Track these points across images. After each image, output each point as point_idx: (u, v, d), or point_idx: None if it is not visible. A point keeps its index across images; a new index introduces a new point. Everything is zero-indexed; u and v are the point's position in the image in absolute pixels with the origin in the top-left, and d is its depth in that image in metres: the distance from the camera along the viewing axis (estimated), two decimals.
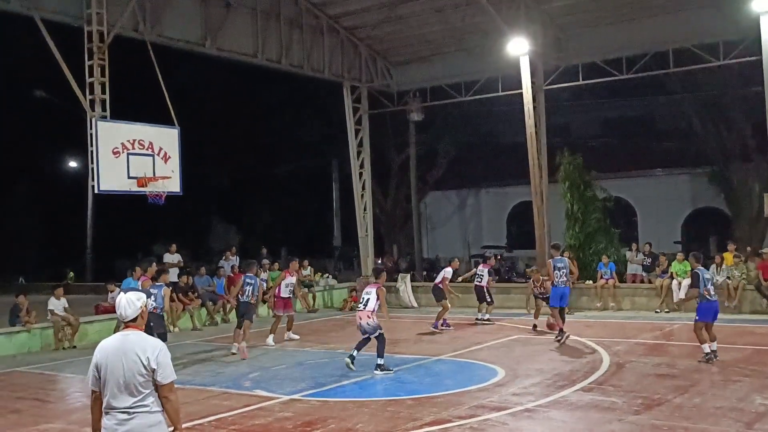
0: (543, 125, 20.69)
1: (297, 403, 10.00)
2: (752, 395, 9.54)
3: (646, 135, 30.81)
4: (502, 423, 8.60)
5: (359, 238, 23.96)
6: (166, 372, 4.90)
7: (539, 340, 15.22)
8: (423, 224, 36.02)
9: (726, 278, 18.54)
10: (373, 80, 23.41)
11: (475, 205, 36.70)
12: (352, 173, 23.80)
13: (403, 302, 22.74)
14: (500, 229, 35.70)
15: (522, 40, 19.27)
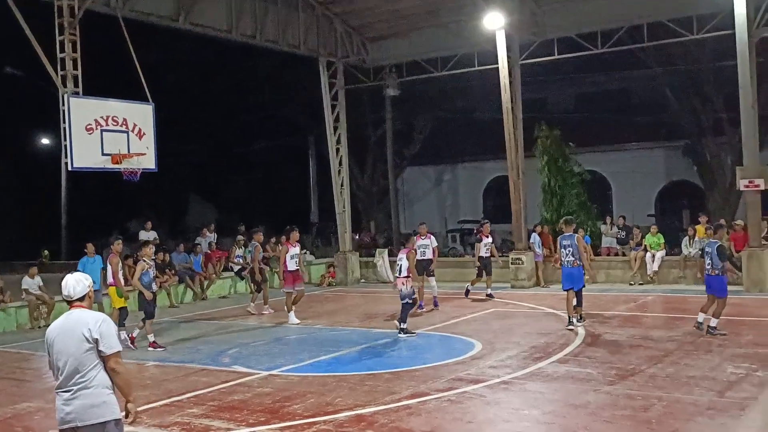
0: (519, 100, 20.69)
1: (276, 378, 10.05)
2: (724, 364, 9.73)
3: (621, 109, 30.97)
4: (479, 395, 8.72)
5: (336, 213, 23.94)
6: (110, 342, 4.84)
7: (516, 313, 15.38)
8: (400, 199, 36.10)
9: (698, 250, 18.80)
10: (349, 55, 23.25)
11: (451, 180, 36.80)
12: (329, 149, 23.72)
13: (380, 277, 22.82)
14: (477, 203, 35.87)
15: (497, 14, 19.22)
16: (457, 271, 22.10)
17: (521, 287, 19.45)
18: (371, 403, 8.42)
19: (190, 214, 41.41)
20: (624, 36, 19.83)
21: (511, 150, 20.43)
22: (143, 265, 12.60)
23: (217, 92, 34.03)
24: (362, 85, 24.51)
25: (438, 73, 22.81)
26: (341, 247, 23.58)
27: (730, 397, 8.17)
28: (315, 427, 7.62)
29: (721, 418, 7.43)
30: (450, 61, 22.39)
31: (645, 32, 19.61)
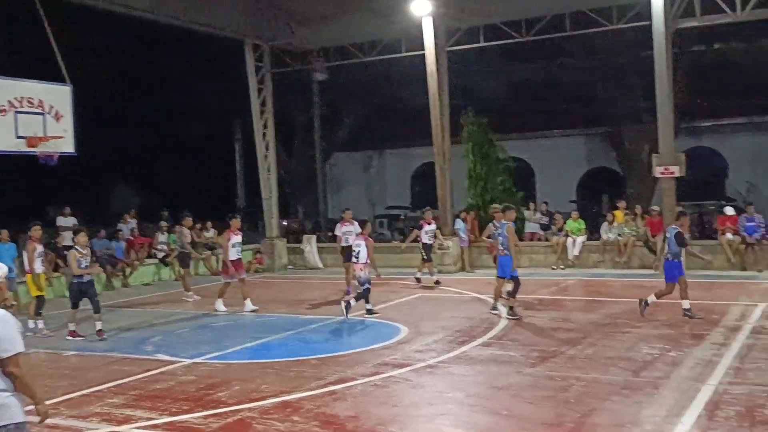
0: (446, 86, 20.87)
1: (200, 366, 9.92)
2: (639, 345, 10.09)
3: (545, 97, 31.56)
4: (405, 379, 8.80)
5: (263, 199, 23.69)
6: (6, 345, 4.45)
7: (442, 297, 15.57)
8: (328, 185, 35.98)
9: (617, 235, 19.42)
10: (276, 38, 22.97)
11: (379, 165, 36.88)
12: (255, 134, 23.43)
13: (308, 263, 22.78)
14: (404, 189, 36.08)
15: (425, 0, 19.31)
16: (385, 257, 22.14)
17: (447, 272, 19.68)
18: (297, 389, 8.40)
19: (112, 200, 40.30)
20: (548, 25, 20.21)
21: (437, 136, 20.61)
22: (75, 254, 12.07)
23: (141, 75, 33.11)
24: (289, 69, 24.26)
25: (365, 58, 22.78)
26: (268, 233, 23.38)
27: (644, 377, 8.47)
28: (240, 415, 7.56)
29: (636, 396, 7.70)
30: (377, 47, 22.39)
31: (567, 22, 20.02)
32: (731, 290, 14.96)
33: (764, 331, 10.69)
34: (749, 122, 28.42)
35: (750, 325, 11.18)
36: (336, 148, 35.31)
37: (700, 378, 8.27)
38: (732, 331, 10.74)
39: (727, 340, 10.15)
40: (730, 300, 13.62)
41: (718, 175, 29.87)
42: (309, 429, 7.01)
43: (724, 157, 29.82)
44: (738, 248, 17.98)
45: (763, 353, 9.34)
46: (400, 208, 34.00)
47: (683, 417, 6.92)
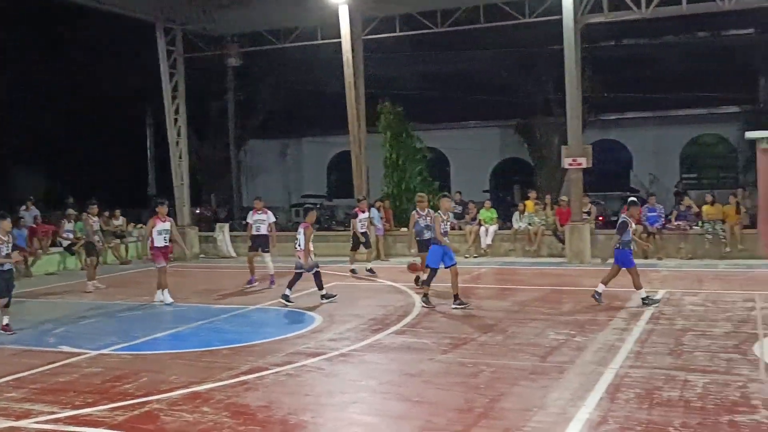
0: (361, 75, 20.87)
1: (106, 357, 9.63)
2: (547, 331, 10.38)
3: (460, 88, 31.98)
4: (318, 368, 8.78)
5: (175, 186, 23.19)
6: None
7: (357, 286, 15.60)
8: (243, 172, 35.51)
9: (528, 224, 19.90)
10: (189, 22, 22.45)
11: (296, 153, 36.63)
12: (167, 119, 22.87)
13: (221, 252, 22.45)
14: (321, 178, 35.97)
15: None
16: None
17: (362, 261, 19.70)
18: (208, 380, 8.27)
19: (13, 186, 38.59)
20: (462, 16, 20.46)
21: (353, 125, 20.61)
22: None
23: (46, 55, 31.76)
24: (203, 54, 23.77)
25: (281, 45, 22.53)
26: (179, 221, 22.83)
27: (551, 362, 8.72)
28: (147, 407, 7.38)
29: (543, 381, 7.92)
30: (293, 33, 22.18)
31: (481, 14, 20.31)
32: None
33: (663, 317, 11.17)
34: (653, 116, 29.59)
35: (650, 310, 11.65)
36: (251, 135, 34.85)
37: (603, 362, 8.57)
38: (633, 317, 11.17)
39: (629, 326, 10.55)
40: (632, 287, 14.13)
41: (623, 167, 31.00)
42: (219, 420, 6.91)
43: (629, 150, 30.96)
44: (640, 237, 18.69)
45: (662, 338, 9.76)
46: (317, 196, 33.89)
47: (586, 400, 7.16)
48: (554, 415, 6.75)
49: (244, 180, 35.80)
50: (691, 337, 9.72)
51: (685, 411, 6.75)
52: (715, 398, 7.12)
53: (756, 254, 17.78)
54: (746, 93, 28.12)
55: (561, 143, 21.16)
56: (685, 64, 28.45)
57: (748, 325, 10.46)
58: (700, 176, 30.82)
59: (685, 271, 16.30)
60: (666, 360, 8.62)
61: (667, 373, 8.01)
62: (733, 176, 29.15)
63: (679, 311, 11.60)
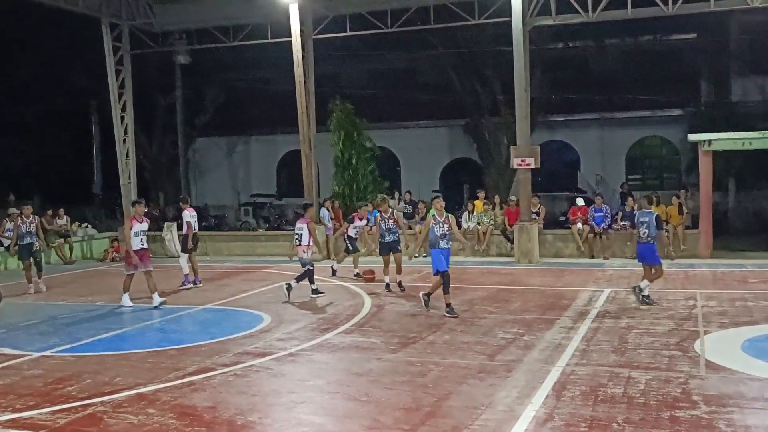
0: (311, 74, 20.78)
1: (48, 359, 9.41)
2: (495, 330, 10.49)
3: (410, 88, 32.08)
4: (266, 368, 8.72)
5: (121, 185, 22.77)
6: None
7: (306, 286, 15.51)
8: (191, 171, 35.03)
9: (476, 224, 20.07)
10: (135, 18, 22.06)
11: (244, 152, 36.24)
12: (113, 117, 22.43)
13: (168, 251, 22.09)
14: (270, 177, 35.67)
15: None
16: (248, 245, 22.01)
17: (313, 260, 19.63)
18: (153, 381, 8.14)
19: None
20: (412, 16, 20.54)
21: (303, 123, 20.51)
22: None
23: None
24: (150, 50, 23.38)
25: (230, 42, 22.31)
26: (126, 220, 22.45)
27: (499, 360, 8.81)
28: (91, 409, 7.24)
29: (491, 379, 8.00)
30: (242, 31, 21.97)
31: (431, 14, 20.41)
32: (580, 277, 15.81)
33: (608, 315, 11.38)
34: (599, 118, 30.11)
35: (596, 309, 11.86)
36: (200, 133, 34.41)
37: (549, 360, 8.69)
38: (580, 316, 11.36)
39: (575, 324, 10.73)
40: (578, 286, 14.40)
41: (570, 168, 31.48)
42: (165, 421, 6.81)
43: (577, 151, 31.45)
44: (587, 237, 19.03)
45: (607, 336, 9.94)
46: (266, 195, 33.63)
47: (533, 398, 7.26)
48: (501, 413, 6.83)
49: (192, 178, 35.32)
50: (634, 335, 9.93)
51: (628, 407, 6.90)
52: (657, 394, 7.28)
53: (698, 254, 18.25)
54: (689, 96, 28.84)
55: (510, 143, 21.40)
56: (630, 67, 29.04)
57: (689, 322, 10.72)
58: (644, 177, 31.48)
59: (630, 270, 16.59)
60: (610, 357, 8.79)
61: (612, 371, 8.17)
62: (676, 177, 29.84)
63: (623, 310, 11.84)
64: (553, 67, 27.35)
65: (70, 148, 36.34)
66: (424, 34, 25.03)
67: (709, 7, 17.79)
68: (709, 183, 18.49)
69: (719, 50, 28.06)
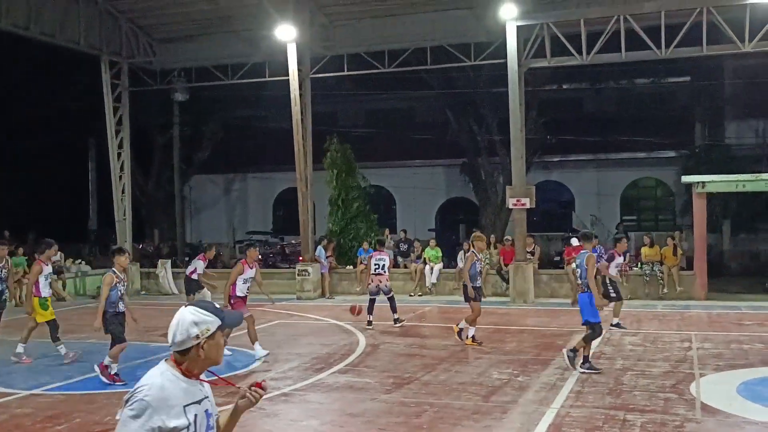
0: (309, 112, 20.94)
1: (38, 398, 9.30)
2: (490, 370, 10.42)
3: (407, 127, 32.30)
4: (258, 408, 8.56)
5: (117, 222, 22.75)
6: None
7: (301, 324, 15.46)
8: (187, 208, 35.04)
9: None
10: (135, 56, 22.28)
11: (241, 189, 36.31)
12: (110, 153, 22.51)
13: (162, 288, 22.04)
14: (266, 214, 35.69)
15: (289, 26, 19.36)
16: None
17: (307, 298, 19.61)
18: None
19: None
20: (409, 57, 20.79)
21: (300, 161, 20.60)
22: None
23: None
24: (148, 88, 23.57)
25: (228, 81, 22.51)
26: None
27: (494, 401, 8.74)
28: None
29: (486, 420, 7.92)
30: (241, 70, 22.19)
31: (428, 55, 20.66)
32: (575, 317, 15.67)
33: (603, 356, 11.32)
34: (594, 159, 30.29)
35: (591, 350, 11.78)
36: (196, 170, 34.47)
37: (544, 402, 8.62)
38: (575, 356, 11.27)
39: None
40: (574, 327, 14.30)
41: (565, 208, 31.57)
42: None
43: (571, 191, 31.57)
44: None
45: (602, 377, 9.88)
46: (261, 233, 33.60)
47: None
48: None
49: (188, 215, 35.31)
50: (630, 377, 9.87)
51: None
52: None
53: (693, 295, 18.23)
54: (683, 138, 29.07)
55: (505, 183, 21.49)
56: (625, 109, 29.32)
57: (685, 364, 10.67)
58: (639, 218, 31.56)
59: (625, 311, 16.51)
60: (606, 399, 8.72)
61: (607, 413, 8.10)
62: (670, 219, 29.93)
63: (618, 351, 11.78)
64: (549, 109, 27.58)
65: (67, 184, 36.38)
66: (421, 75, 25.29)
67: (702, 51, 18.03)
68: (703, 225, 18.54)
69: (713, 93, 28.38)
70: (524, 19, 18.51)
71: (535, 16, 18.57)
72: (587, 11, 18.33)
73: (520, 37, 18.68)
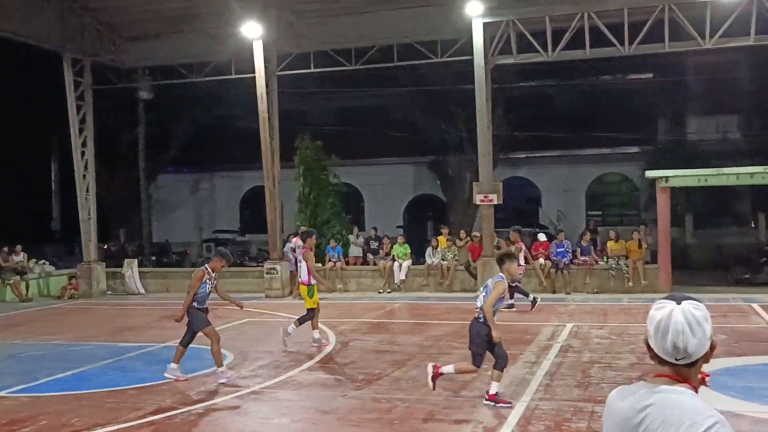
0: (275, 110, 20.83)
1: (3, 400, 9.14)
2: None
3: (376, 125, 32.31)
4: (229, 407, 8.59)
5: (81, 221, 22.42)
6: None
7: (270, 322, 15.40)
8: (153, 207, 34.67)
9: (440, 259, 20.14)
10: (99, 54, 21.96)
11: (208, 188, 36.05)
12: (73, 152, 22.18)
13: (129, 289, 21.79)
14: (234, 213, 35.48)
15: (255, 24, 19.25)
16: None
17: (276, 297, 19.54)
18: (113, 422, 7.95)
19: None
20: (376, 54, 20.78)
21: (267, 159, 20.49)
22: None
23: None
24: (113, 86, 23.27)
25: (194, 78, 22.31)
26: (85, 256, 22.09)
27: (464, 396, 8.80)
28: None
29: (456, 415, 7.97)
30: (206, 68, 22.01)
31: (395, 52, 20.68)
32: (543, 312, 15.90)
33: (571, 350, 11.45)
34: (560, 155, 30.60)
35: (559, 344, 11.94)
36: (163, 169, 34.13)
37: (514, 395, 8.70)
38: (543, 351, 11.42)
39: (539, 359, 10.77)
40: (541, 321, 14.48)
41: (532, 204, 31.85)
42: None
43: (538, 187, 31.86)
44: (549, 272, 19.20)
45: (570, 370, 10.00)
46: (229, 231, 33.40)
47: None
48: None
49: (154, 215, 34.93)
50: (597, 370, 10.00)
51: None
52: None
53: (657, 288, 18.50)
54: (646, 134, 29.49)
55: (473, 180, 21.61)
56: (590, 106, 29.63)
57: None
58: (605, 213, 31.95)
59: (592, 305, 16.79)
60: (574, 392, 8.83)
61: (575, 405, 8.20)
62: (635, 213, 30.35)
63: (586, 344, 11.93)
64: (516, 105, 27.78)
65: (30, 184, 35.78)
66: (390, 72, 25.29)
67: (664, 48, 18.29)
68: (666, 219, 18.83)
69: (676, 90, 28.83)
70: (490, 15, 18.62)
71: (500, 13, 18.68)
72: (552, 8, 18.48)
73: (487, 34, 18.79)
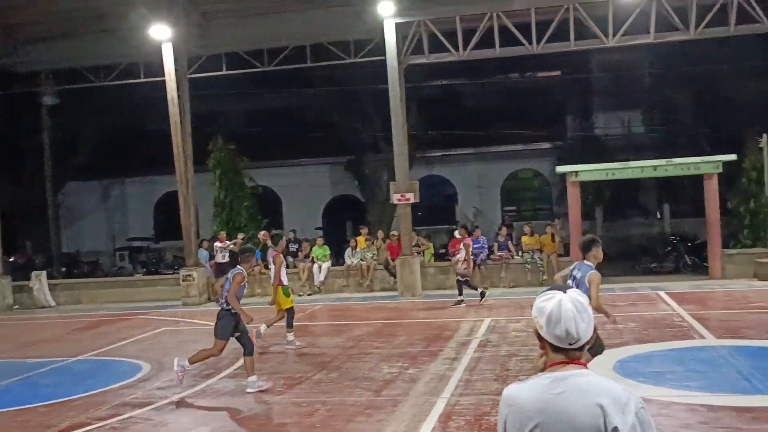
0: (187, 113, 20.39)
1: None
2: (381, 365, 10.50)
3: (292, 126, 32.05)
4: (145, 419, 8.36)
5: None
6: None
7: (187, 330, 15.10)
8: (62, 216, 33.46)
9: (360, 260, 20.17)
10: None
11: (119, 195, 35.03)
12: None
13: (38, 302, 20.96)
14: (148, 220, 34.59)
15: (163, 26, 18.82)
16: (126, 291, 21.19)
17: (193, 304, 19.16)
18: None
19: None
20: (290, 55, 20.65)
21: (180, 164, 20.07)
22: None
23: None
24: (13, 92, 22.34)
25: (101, 82, 21.65)
26: None
27: (385, 395, 8.82)
28: None
29: (378, 415, 7.99)
30: (114, 71, 21.40)
31: (308, 53, 20.59)
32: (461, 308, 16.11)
33: (489, 344, 11.64)
34: (475, 153, 31.09)
35: (477, 339, 12.12)
36: (70, 176, 32.94)
37: (434, 392, 8.78)
38: (463, 346, 11.57)
39: (459, 355, 10.91)
40: (460, 317, 14.67)
41: (449, 201, 32.27)
42: None
43: (454, 185, 32.30)
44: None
45: (489, 364, 10.16)
46: (143, 239, 32.56)
47: (420, 431, 7.29)
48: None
49: (63, 224, 33.70)
50: (515, 362, 10.20)
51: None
52: None
53: None
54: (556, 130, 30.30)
55: (390, 179, 21.71)
56: (502, 103, 30.23)
57: None
58: (519, 209, 32.65)
59: (509, 299, 17.11)
60: (493, 386, 8.97)
61: (495, 399, 8.32)
62: (548, 208, 31.13)
63: (504, 338, 12.15)
64: (430, 105, 28.07)
65: None
66: (304, 73, 25.15)
67: (570, 46, 18.83)
68: (577, 212, 19.38)
69: (582, 86, 29.74)
70: (402, 16, 18.75)
71: (412, 13, 18.84)
72: (461, 8, 18.76)
73: (399, 34, 18.93)
